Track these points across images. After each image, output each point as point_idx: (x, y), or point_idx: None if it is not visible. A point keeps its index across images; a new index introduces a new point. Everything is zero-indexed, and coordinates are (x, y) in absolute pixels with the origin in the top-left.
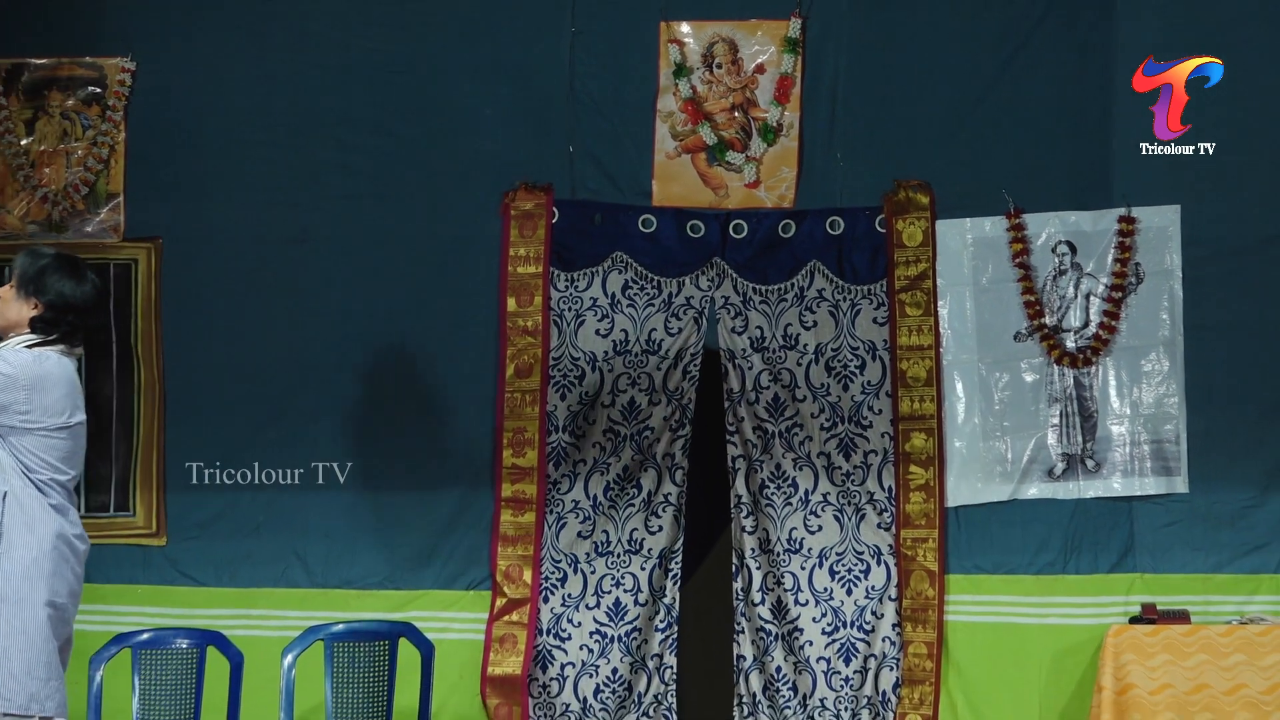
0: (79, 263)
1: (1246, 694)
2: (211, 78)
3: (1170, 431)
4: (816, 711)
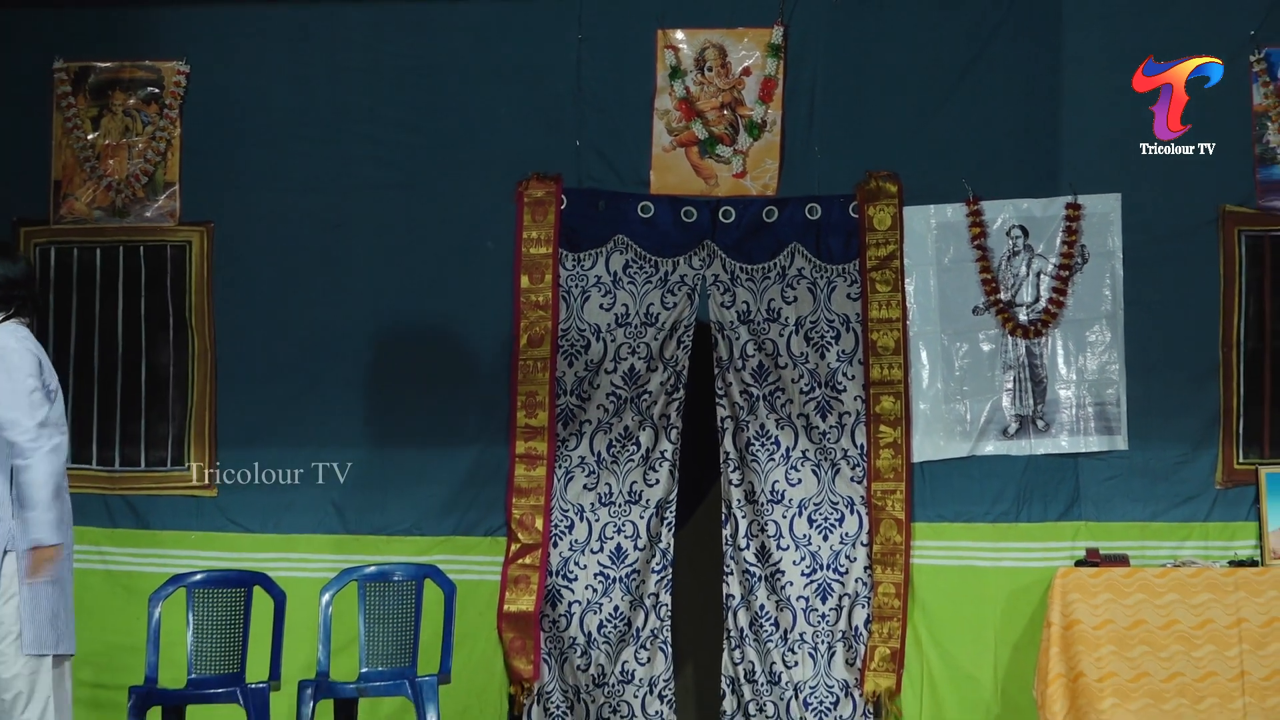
0: (9, 245)
1: (1179, 628)
2: (256, 79)
3: (1111, 395)
4: (796, 644)
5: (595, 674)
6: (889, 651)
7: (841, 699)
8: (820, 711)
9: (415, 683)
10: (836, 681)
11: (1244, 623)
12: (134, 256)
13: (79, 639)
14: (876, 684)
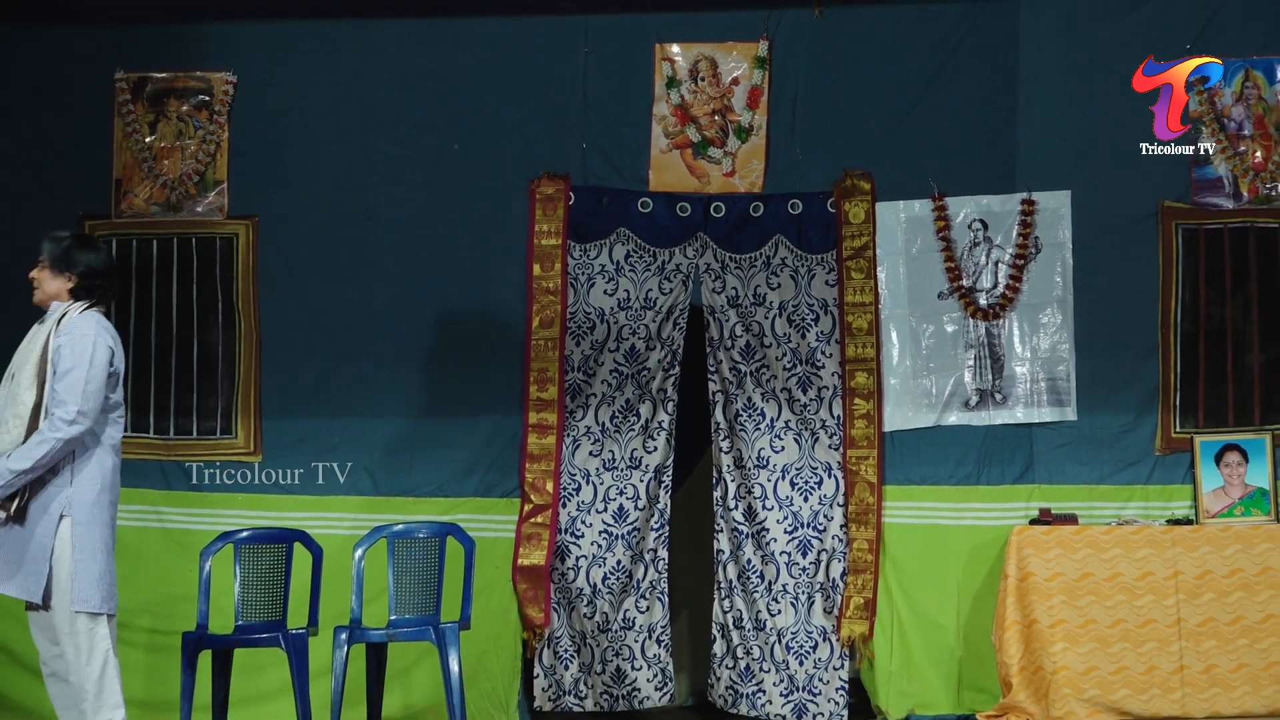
0: (93, 237)
1: (1122, 580)
2: (296, 88)
3: (1062, 371)
4: (779, 594)
5: (600, 621)
6: (863, 601)
7: (820, 643)
8: (801, 655)
9: (439, 629)
10: (815, 628)
11: (1180, 575)
12: (187, 247)
13: (139, 592)
14: (851, 630)
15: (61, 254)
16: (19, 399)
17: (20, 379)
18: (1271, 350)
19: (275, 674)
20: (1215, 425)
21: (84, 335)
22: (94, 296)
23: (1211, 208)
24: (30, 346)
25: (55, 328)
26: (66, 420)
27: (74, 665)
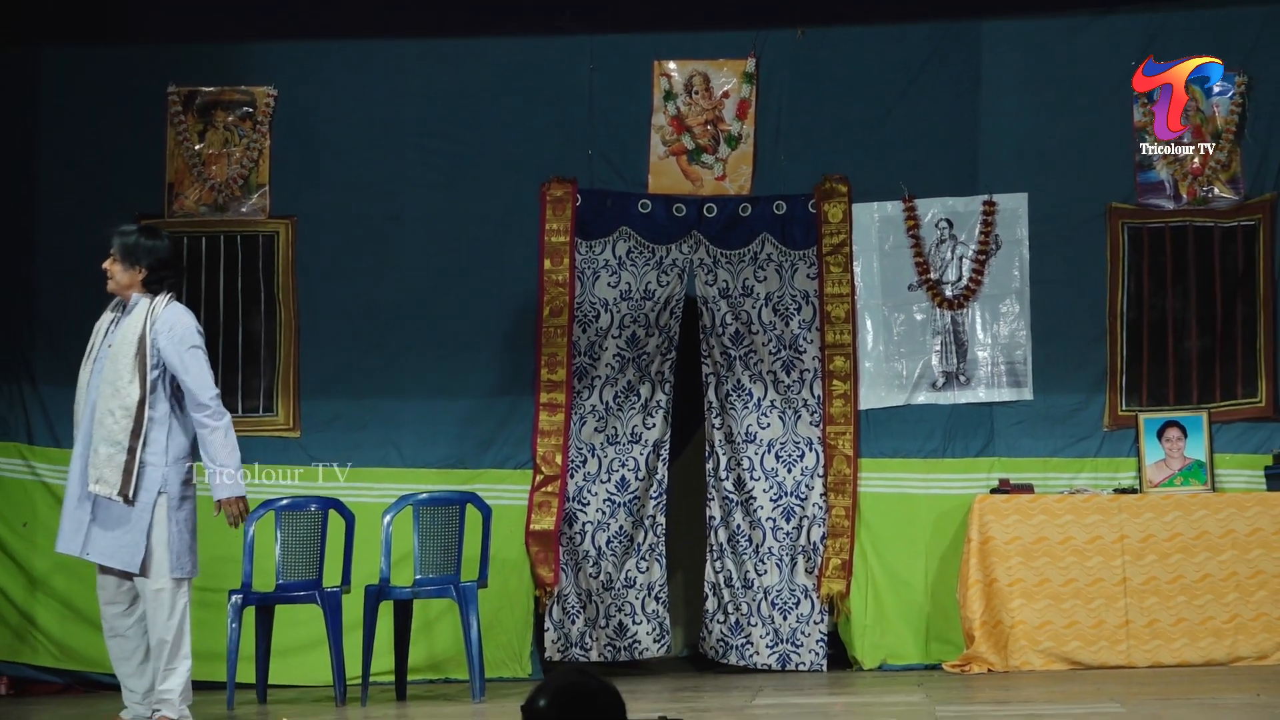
0: (157, 228)
1: (1073, 543)
2: (331, 101)
3: (1020, 355)
4: (765, 556)
5: (604, 580)
6: (840, 562)
7: (802, 600)
8: (784, 610)
9: (459, 587)
10: (798, 586)
11: (1126, 539)
12: (232, 244)
13: None
14: (830, 588)
15: (131, 247)
16: (121, 392)
17: (119, 371)
18: (1208, 336)
19: (312, 628)
20: (1157, 404)
21: (186, 325)
22: (165, 285)
23: (1154, 208)
24: (124, 339)
25: (149, 321)
26: (217, 407)
27: (157, 623)
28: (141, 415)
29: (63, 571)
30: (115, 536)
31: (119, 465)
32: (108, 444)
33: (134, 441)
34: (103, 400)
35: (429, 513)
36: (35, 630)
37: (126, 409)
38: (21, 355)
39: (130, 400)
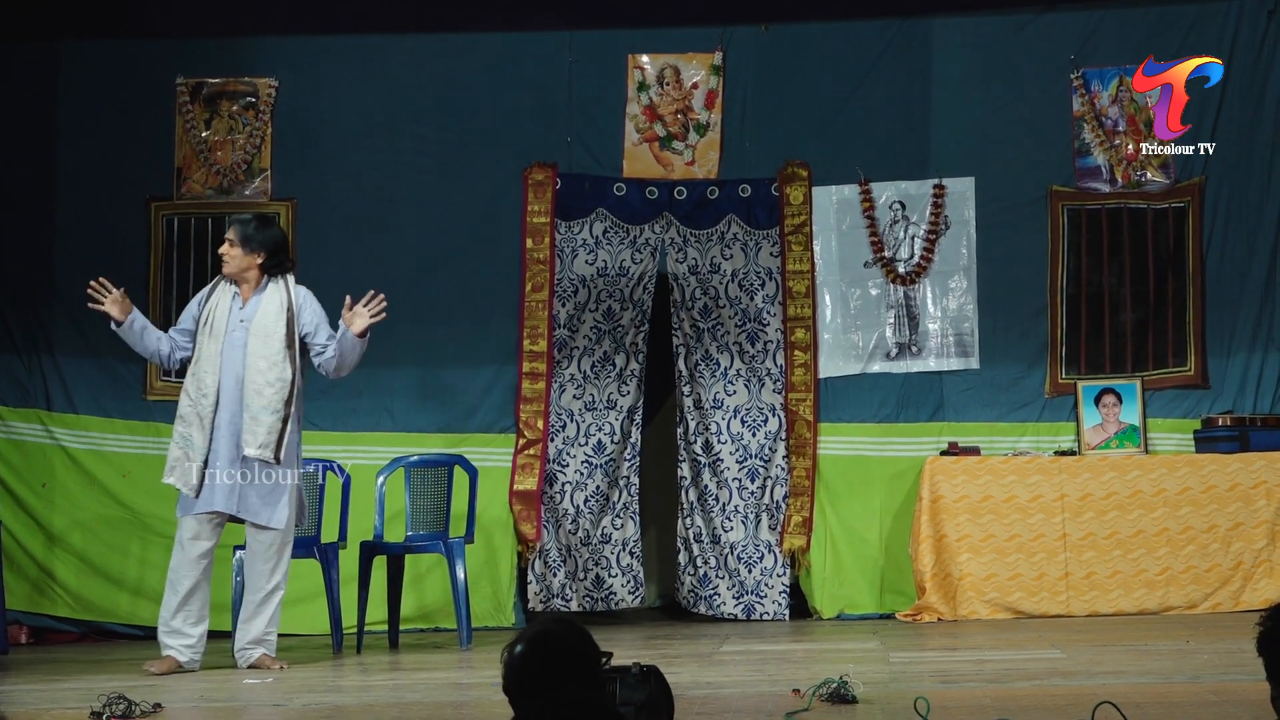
0: (269, 216)
1: (1016, 502)
2: (329, 91)
3: (967, 328)
4: (732, 514)
5: (582, 536)
6: (801, 519)
7: (765, 554)
8: (749, 564)
9: (448, 543)
10: (762, 542)
11: (1065, 497)
12: None
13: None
14: (792, 543)
15: (250, 235)
16: (278, 365)
17: (272, 346)
18: (1141, 310)
19: (311, 581)
20: (1094, 372)
21: (313, 296)
22: (284, 268)
23: (1092, 192)
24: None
25: (292, 302)
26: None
27: (267, 572)
28: (293, 387)
29: (79, 529)
30: (263, 495)
31: (276, 431)
32: (268, 412)
33: (288, 410)
34: (257, 374)
35: (419, 474)
36: (54, 584)
37: (284, 381)
38: (41, 328)
39: (286, 374)
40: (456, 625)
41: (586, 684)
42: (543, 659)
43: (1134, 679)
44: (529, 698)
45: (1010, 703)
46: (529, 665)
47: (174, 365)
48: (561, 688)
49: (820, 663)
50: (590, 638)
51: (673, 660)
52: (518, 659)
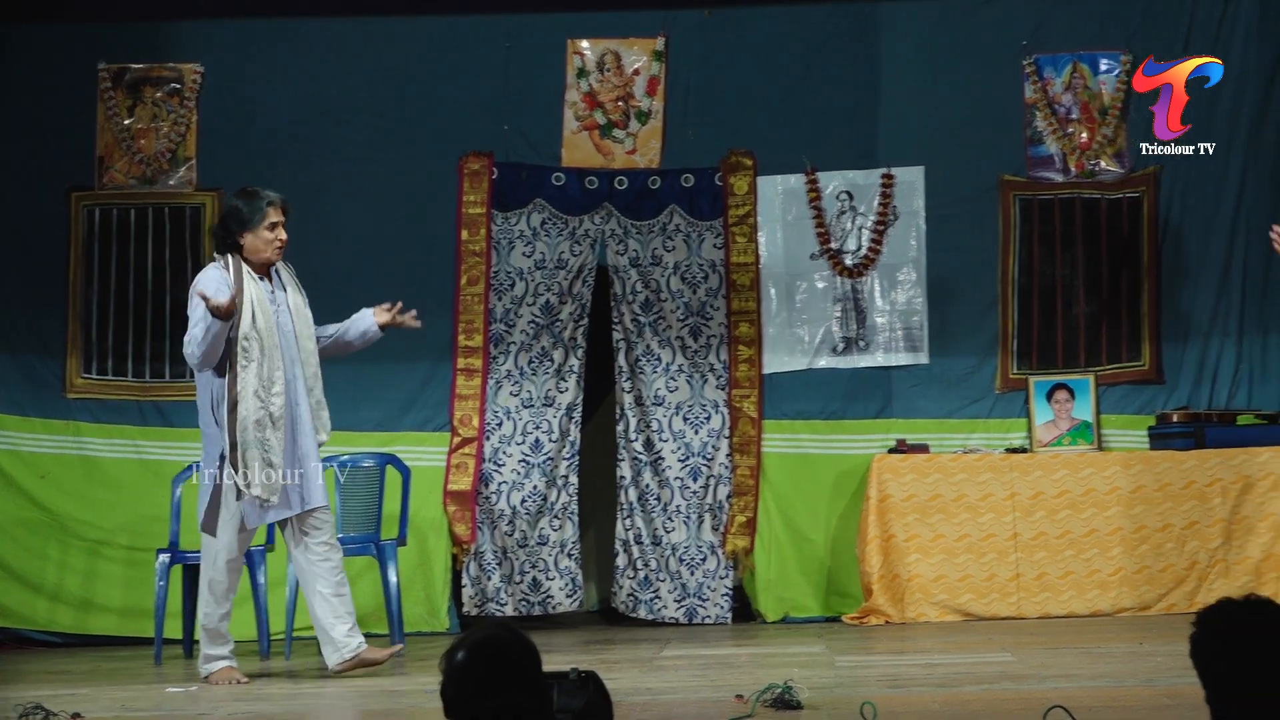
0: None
1: (966, 500)
2: (257, 77)
3: (916, 321)
4: (674, 514)
5: (519, 538)
6: (745, 519)
7: (708, 556)
8: (692, 566)
9: (379, 545)
10: (704, 543)
11: (1016, 496)
12: (160, 215)
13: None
14: (735, 544)
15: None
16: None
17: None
18: (1094, 302)
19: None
20: (1046, 367)
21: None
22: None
23: (1044, 181)
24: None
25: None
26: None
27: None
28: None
29: None
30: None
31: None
32: (319, 400)
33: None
34: (311, 357)
35: (350, 473)
36: None
37: (319, 366)
38: None
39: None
40: (388, 630)
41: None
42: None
43: (1086, 682)
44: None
45: (959, 707)
46: (472, 672)
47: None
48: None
49: (764, 667)
50: (532, 644)
51: (612, 665)
52: (461, 665)
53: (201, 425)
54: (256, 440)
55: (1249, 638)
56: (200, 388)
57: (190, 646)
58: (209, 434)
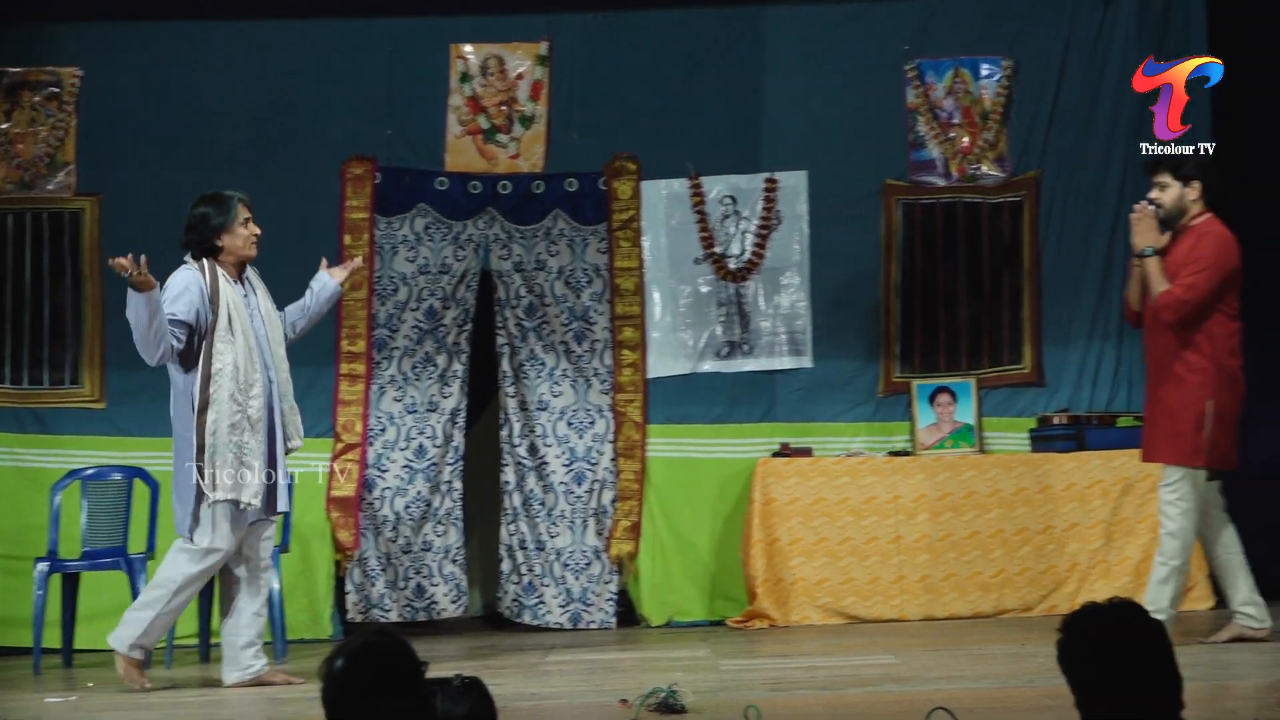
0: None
1: (850, 504)
2: (136, 81)
3: (800, 325)
4: (558, 519)
5: (402, 544)
6: (629, 524)
7: (593, 561)
8: (576, 571)
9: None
10: (589, 548)
11: (899, 499)
12: (39, 220)
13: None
14: (620, 549)
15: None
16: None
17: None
18: (976, 306)
19: (117, 594)
20: (929, 371)
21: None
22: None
23: (926, 185)
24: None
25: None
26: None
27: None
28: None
29: None
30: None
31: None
32: (291, 404)
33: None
34: (282, 361)
35: None
36: None
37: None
38: None
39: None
40: (271, 638)
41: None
42: (365, 672)
43: (969, 684)
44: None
45: (843, 710)
46: (352, 679)
47: (162, 361)
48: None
49: (649, 671)
50: (411, 649)
51: (497, 671)
52: (339, 673)
53: (175, 426)
54: (235, 444)
55: (1116, 640)
56: (174, 386)
57: (70, 656)
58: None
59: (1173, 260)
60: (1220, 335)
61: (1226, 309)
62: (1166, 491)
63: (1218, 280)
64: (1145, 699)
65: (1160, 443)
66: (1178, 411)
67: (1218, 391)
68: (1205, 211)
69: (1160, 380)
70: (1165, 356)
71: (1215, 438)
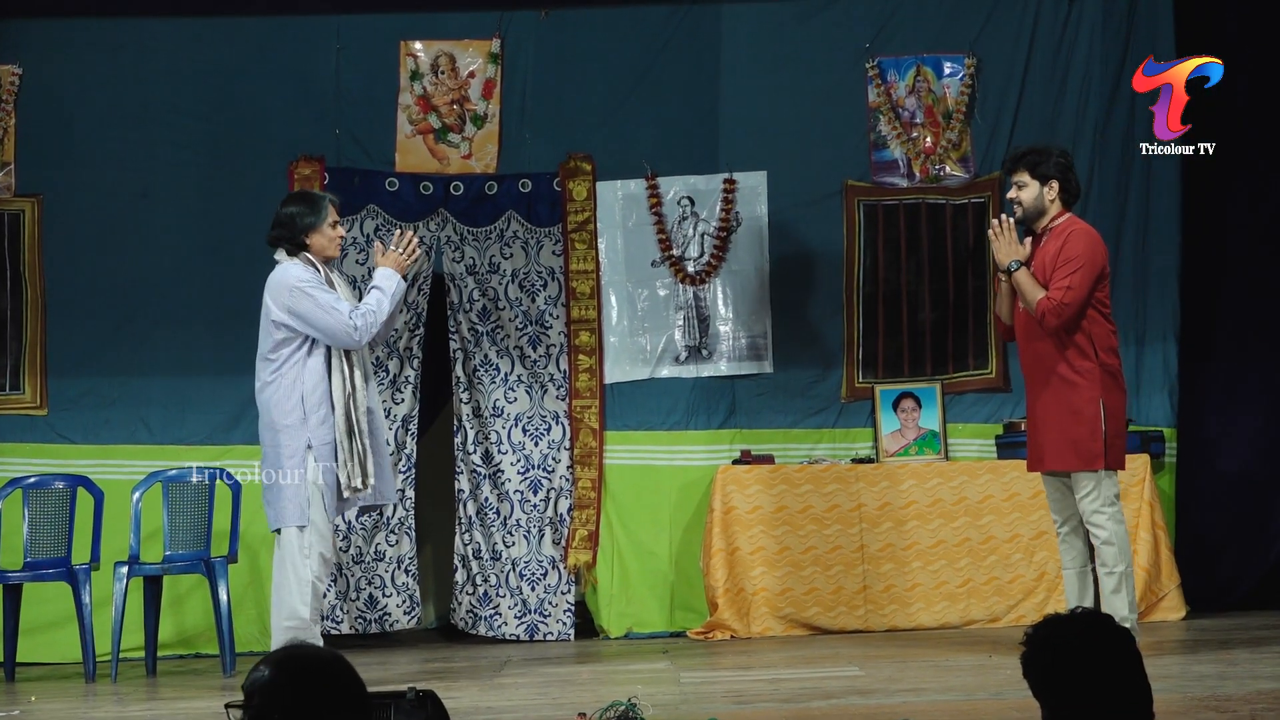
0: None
1: (812, 512)
2: (78, 79)
3: (760, 330)
4: (514, 528)
5: (355, 553)
6: (587, 533)
7: (549, 571)
8: (532, 581)
9: (209, 562)
10: (545, 557)
11: (863, 507)
12: None
13: None
14: (577, 558)
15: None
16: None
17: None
18: (940, 309)
19: (61, 605)
20: (893, 376)
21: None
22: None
23: (888, 186)
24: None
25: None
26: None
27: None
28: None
29: None
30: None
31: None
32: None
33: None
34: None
35: (178, 489)
36: None
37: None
38: None
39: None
40: (219, 650)
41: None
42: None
43: (935, 696)
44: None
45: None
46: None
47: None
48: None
49: (607, 684)
50: (340, 658)
51: (451, 684)
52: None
53: (274, 421)
54: (359, 433)
55: (1082, 652)
56: (274, 383)
57: (12, 670)
58: (288, 428)
59: (1041, 265)
60: (1100, 335)
61: (1101, 307)
62: (1087, 501)
63: (1093, 277)
64: (1114, 711)
65: (1062, 450)
66: (1073, 416)
67: (1107, 391)
68: (1064, 211)
69: (1045, 387)
70: (1048, 362)
71: (1111, 439)
